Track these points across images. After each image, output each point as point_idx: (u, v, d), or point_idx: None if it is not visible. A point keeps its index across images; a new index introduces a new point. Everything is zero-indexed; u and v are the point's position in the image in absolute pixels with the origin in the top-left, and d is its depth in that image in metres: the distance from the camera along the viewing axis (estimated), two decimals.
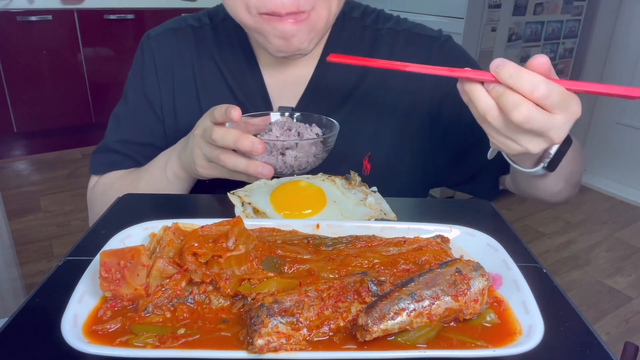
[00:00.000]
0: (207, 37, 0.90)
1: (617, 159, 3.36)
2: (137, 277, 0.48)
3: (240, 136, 0.67)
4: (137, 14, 3.57)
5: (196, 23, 0.92)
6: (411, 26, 0.90)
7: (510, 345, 0.43)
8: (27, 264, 2.37)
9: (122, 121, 0.92)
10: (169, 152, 0.82)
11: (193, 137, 0.74)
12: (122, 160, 0.90)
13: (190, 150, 0.74)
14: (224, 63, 0.88)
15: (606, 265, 2.54)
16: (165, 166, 0.81)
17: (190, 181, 0.81)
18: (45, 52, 3.34)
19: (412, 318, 0.43)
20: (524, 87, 0.52)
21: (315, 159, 0.75)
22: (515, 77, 0.52)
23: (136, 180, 0.85)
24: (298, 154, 0.72)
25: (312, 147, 0.73)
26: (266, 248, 0.54)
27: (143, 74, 0.91)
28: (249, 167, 0.69)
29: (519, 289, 0.49)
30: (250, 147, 0.67)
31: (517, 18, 2.74)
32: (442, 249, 0.55)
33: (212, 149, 0.71)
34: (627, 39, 3.19)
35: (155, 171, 0.83)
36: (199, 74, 0.89)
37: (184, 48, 0.90)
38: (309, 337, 0.43)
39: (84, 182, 0.96)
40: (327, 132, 0.78)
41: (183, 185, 0.81)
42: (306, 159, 0.73)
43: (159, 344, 0.43)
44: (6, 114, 3.32)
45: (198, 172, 0.75)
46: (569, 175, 0.77)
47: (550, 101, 0.52)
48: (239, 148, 0.68)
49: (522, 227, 2.87)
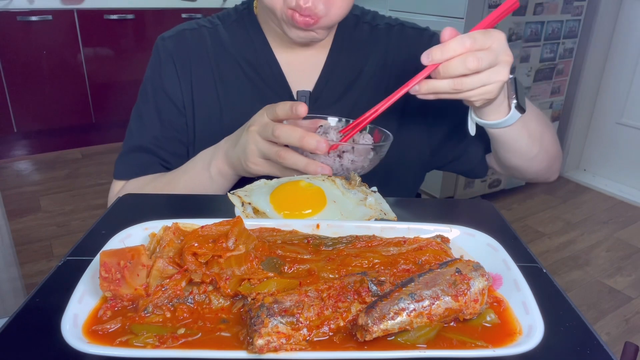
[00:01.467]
0: (221, 35, 0.93)
1: (617, 159, 3.36)
2: (137, 277, 0.48)
3: (305, 134, 0.68)
4: (137, 14, 3.57)
5: (208, 24, 0.95)
6: (404, 22, 0.99)
7: (510, 345, 0.43)
8: (27, 264, 2.37)
9: (146, 119, 0.93)
10: (212, 150, 0.83)
11: (247, 133, 0.74)
12: (152, 162, 0.91)
13: (244, 147, 0.75)
14: (240, 56, 0.92)
15: (606, 265, 2.54)
16: (209, 164, 0.81)
17: (234, 179, 0.82)
18: (45, 52, 3.34)
19: (412, 318, 0.43)
20: (456, 50, 0.64)
21: (370, 164, 0.76)
22: (444, 51, 0.64)
23: (173, 180, 0.86)
24: (355, 157, 0.73)
25: (370, 153, 0.75)
26: (266, 248, 0.54)
27: (162, 73, 0.92)
28: (308, 166, 0.70)
29: (519, 289, 0.49)
30: (315, 146, 0.68)
31: (517, 18, 2.74)
32: (442, 249, 0.55)
33: (270, 146, 0.72)
34: (627, 39, 3.19)
35: (196, 170, 0.84)
36: (216, 68, 0.92)
37: (200, 46, 0.93)
38: (309, 337, 0.43)
39: (84, 182, 0.96)
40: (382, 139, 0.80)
41: (225, 184, 0.82)
42: (362, 163, 0.74)
43: (159, 344, 0.43)
44: (6, 114, 3.32)
45: (249, 168, 0.75)
46: (539, 136, 0.83)
47: (480, 42, 0.64)
48: (304, 146, 0.69)
49: (522, 227, 2.87)
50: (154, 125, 0.92)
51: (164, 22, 3.66)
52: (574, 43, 3.11)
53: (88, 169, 3.41)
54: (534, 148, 0.84)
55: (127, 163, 0.92)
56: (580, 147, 3.54)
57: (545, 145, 0.86)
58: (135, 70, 3.54)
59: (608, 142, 3.39)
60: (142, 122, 0.93)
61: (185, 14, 3.70)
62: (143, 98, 0.94)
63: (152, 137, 0.92)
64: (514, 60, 0.69)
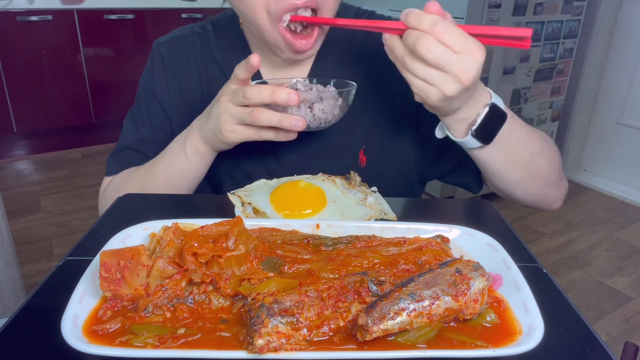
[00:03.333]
0: (211, 42, 0.94)
1: (617, 159, 3.36)
2: (137, 277, 0.48)
3: (276, 89, 0.69)
4: (137, 14, 3.57)
5: (201, 30, 0.96)
6: None
7: (510, 345, 0.43)
8: (27, 264, 2.37)
9: (137, 122, 0.96)
10: (186, 132, 0.84)
11: (219, 104, 0.75)
12: (137, 158, 0.93)
13: (216, 117, 0.75)
14: (225, 65, 0.92)
15: (606, 265, 2.54)
16: (184, 144, 0.82)
17: (211, 156, 0.83)
18: (45, 52, 3.33)
19: (412, 318, 0.43)
20: (424, 25, 0.60)
21: (340, 112, 0.77)
22: (418, 18, 0.60)
23: (152, 167, 0.87)
24: (324, 107, 0.74)
25: (338, 100, 0.76)
26: (266, 248, 0.54)
27: (153, 77, 0.95)
28: (283, 119, 0.71)
29: (519, 289, 0.49)
30: (287, 98, 0.69)
31: (517, 18, 2.74)
32: (442, 249, 0.55)
33: (243, 109, 0.72)
34: (627, 39, 3.19)
35: (171, 153, 0.85)
36: (204, 77, 0.93)
37: (190, 54, 0.94)
38: (309, 337, 0.43)
39: (84, 182, 0.97)
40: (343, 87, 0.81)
41: (203, 162, 0.83)
42: (332, 111, 0.75)
43: (159, 344, 0.43)
44: (6, 114, 3.32)
45: (225, 137, 0.76)
46: (526, 163, 0.78)
47: (448, 37, 0.59)
48: (276, 100, 0.69)
49: (522, 227, 2.87)
50: (145, 128, 0.95)
51: (164, 22, 3.65)
52: (574, 43, 3.11)
53: (88, 169, 3.41)
54: (515, 173, 0.78)
55: (116, 161, 0.95)
56: (580, 147, 3.54)
57: (535, 171, 0.80)
58: (135, 70, 3.54)
59: (608, 142, 3.39)
60: (134, 124, 0.96)
61: (185, 14, 3.70)
62: (137, 101, 0.97)
63: (142, 140, 0.94)
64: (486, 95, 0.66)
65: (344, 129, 0.86)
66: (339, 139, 0.88)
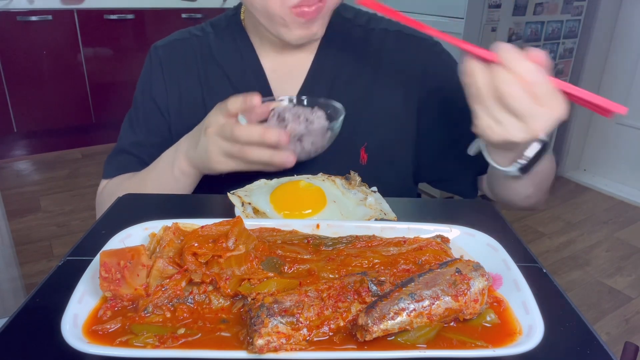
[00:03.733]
0: (211, 44, 0.94)
1: (617, 159, 3.35)
2: (137, 277, 0.48)
3: (265, 130, 0.69)
4: (137, 14, 3.56)
5: (200, 33, 0.96)
6: (403, 27, 0.94)
7: (510, 345, 0.43)
8: (27, 264, 2.37)
9: (135, 125, 0.96)
10: (173, 151, 0.84)
11: (206, 136, 0.75)
12: (133, 162, 0.93)
13: (204, 149, 0.75)
14: (227, 65, 0.92)
15: (606, 265, 2.54)
16: (172, 165, 0.83)
17: (198, 177, 0.83)
18: (45, 52, 3.33)
19: (412, 318, 0.43)
20: (517, 69, 0.57)
21: (329, 141, 0.78)
22: (514, 60, 0.57)
23: (144, 179, 0.88)
24: (314, 139, 0.75)
25: (327, 132, 0.76)
26: (266, 248, 0.54)
27: (151, 81, 0.95)
28: (274, 157, 0.71)
29: (519, 289, 0.49)
30: (277, 139, 0.69)
31: (517, 18, 2.74)
32: (442, 249, 0.55)
33: (232, 145, 0.72)
34: (627, 39, 3.19)
35: (160, 170, 0.85)
36: (204, 79, 0.93)
37: (189, 57, 0.94)
38: (309, 337, 0.43)
39: (84, 182, 0.97)
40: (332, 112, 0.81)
41: (190, 182, 0.83)
42: (321, 143, 0.76)
43: (159, 344, 0.43)
44: (6, 114, 3.32)
45: (214, 168, 0.76)
46: (540, 182, 0.80)
47: (538, 89, 0.57)
48: (266, 142, 0.69)
49: (522, 227, 2.87)
50: (141, 130, 0.95)
51: (164, 22, 3.65)
52: (574, 43, 3.11)
53: (88, 169, 3.40)
54: (529, 189, 0.80)
55: (112, 164, 0.95)
56: (580, 147, 3.54)
57: (543, 187, 0.83)
58: (135, 70, 3.51)
59: (608, 142, 3.39)
60: (131, 127, 0.96)
61: (185, 14, 3.69)
62: (134, 103, 0.97)
63: (137, 143, 0.94)
64: None
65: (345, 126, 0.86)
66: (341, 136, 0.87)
